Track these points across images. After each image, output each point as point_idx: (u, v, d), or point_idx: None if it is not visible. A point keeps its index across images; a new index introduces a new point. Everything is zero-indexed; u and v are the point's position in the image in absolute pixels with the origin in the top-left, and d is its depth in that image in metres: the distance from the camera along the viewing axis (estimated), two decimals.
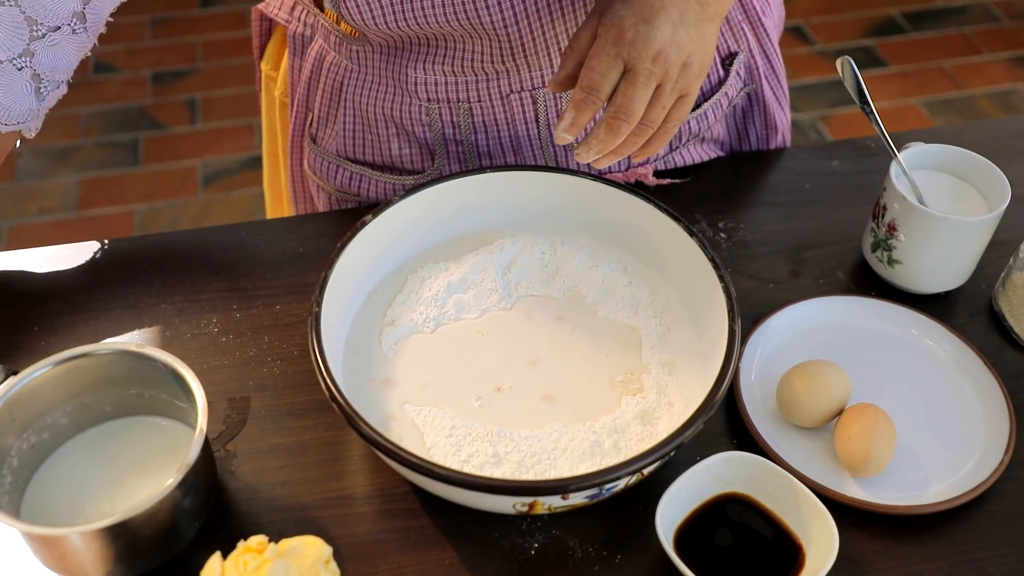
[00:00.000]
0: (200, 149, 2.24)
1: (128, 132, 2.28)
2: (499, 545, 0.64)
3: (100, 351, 0.63)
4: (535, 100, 0.81)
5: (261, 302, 0.79)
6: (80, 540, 0.57)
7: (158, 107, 2.34)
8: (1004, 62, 2.57)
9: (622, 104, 0.64)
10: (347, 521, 0.65)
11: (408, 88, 0.80)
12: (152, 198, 2.12)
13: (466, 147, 0.83)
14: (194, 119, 2.31)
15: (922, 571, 0.63)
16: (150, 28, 2.59)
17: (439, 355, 0.70)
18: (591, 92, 0.64)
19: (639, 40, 0.63)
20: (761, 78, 0.92)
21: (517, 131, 0.83)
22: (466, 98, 0.80)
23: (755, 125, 0.95)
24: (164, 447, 0.66)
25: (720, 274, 0.69)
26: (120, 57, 2.49)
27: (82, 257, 0.82)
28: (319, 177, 0.90)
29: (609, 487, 0.60)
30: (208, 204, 2.11)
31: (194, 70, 2.46)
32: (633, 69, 0.63)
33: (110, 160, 2.21)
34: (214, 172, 2.19)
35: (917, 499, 0.66)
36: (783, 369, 0.72)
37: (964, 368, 0.74)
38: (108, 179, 2.16)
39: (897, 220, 0.77)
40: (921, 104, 2.44)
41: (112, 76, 2.43)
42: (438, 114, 0.81)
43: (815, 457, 0.69)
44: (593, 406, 0.67)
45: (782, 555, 0.62)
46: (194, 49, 2.52)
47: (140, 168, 2.19)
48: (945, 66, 2.56)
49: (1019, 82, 2.51)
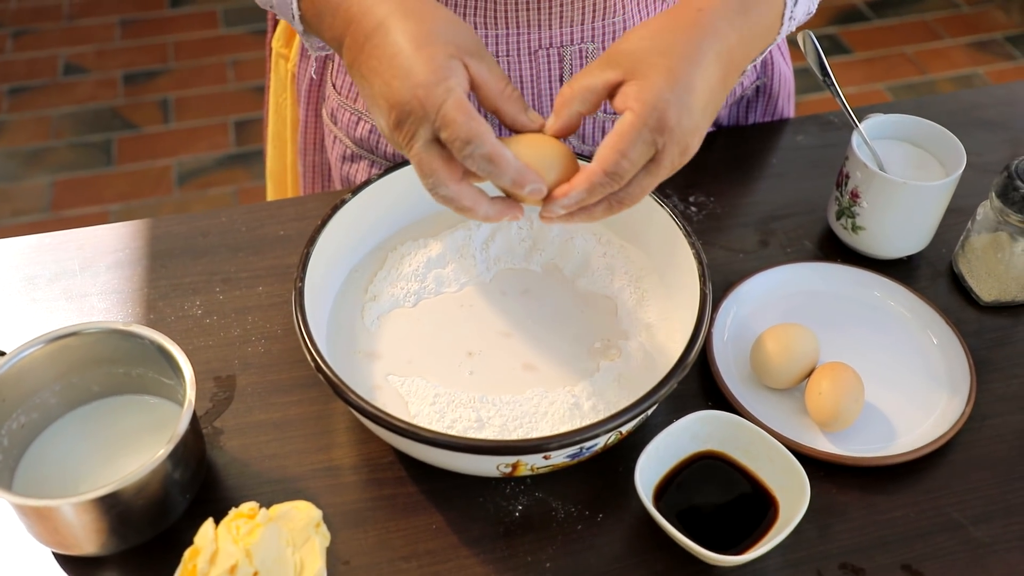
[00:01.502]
0: (174, 148, 2.24)
1: (100, 133, 2.27)
2: (484, 508, 0.66)
3: (88, 329, 0.64)
4: (562, 58, 0.79)
5: (244, 284, 0.80)
6: (73, 512, 0.58)
7: (130, 107, 2.34)
8: (964, 47, 2.63)
9: (633, 193, 0.58)
10: (335, 491, 0.67)
11: None
12: (127, 198, 2.11)
13: None
14: (167, 119, 2.31)
15: (890, 519, 0.66)
16: (120, 29, 2.58)
17: (421, 328, 0.72)
18: (614, 179, 0.56)
19: (678, 131, 0.56)
20: (773, 73, 0.94)
21: (540, 90, 0.81)
22: (495, 52, 0.77)
23: (756, 114, 0.97)
24: (152, 424, 0.67)
25: (691, 241, 0.71)
26: (90, 58, 2.48)
27: (63, 245, 0.83)
28: (339, 127, 0.88)
29: (589, 446, 0.62)
30: (184, 202, 2.11)
31: (165, 70, 2.45)
32: (659, 161, 0.57)
33: (83, 161, 2.20)
34: (189, 171, 2.19)
35: (884, 451, 0.68)
36: (755, 333, 0.75)
37: (927, 327, 0.76)
38: (82, 180, 2.16)
39: (859, 187, 0.79)
40: (886, 89, 2.48)
41: (83, 77, 2.42)
42: None
43: (786, 415, 0.71)
44: (572, 372, 0.69)
45: (757, 507, 0.64)
46: (165, 49, 2.52)
47: (114, 168, 2.19)
48: (908, 52, 2.61)
49: (979, 66, 2.56)
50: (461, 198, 0.57)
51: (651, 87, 0.56)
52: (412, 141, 0.56)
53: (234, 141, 2.26)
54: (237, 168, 2.19)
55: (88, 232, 0.84)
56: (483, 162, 0.55)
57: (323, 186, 1.01)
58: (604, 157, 0.56)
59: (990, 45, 2.63)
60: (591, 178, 0.56)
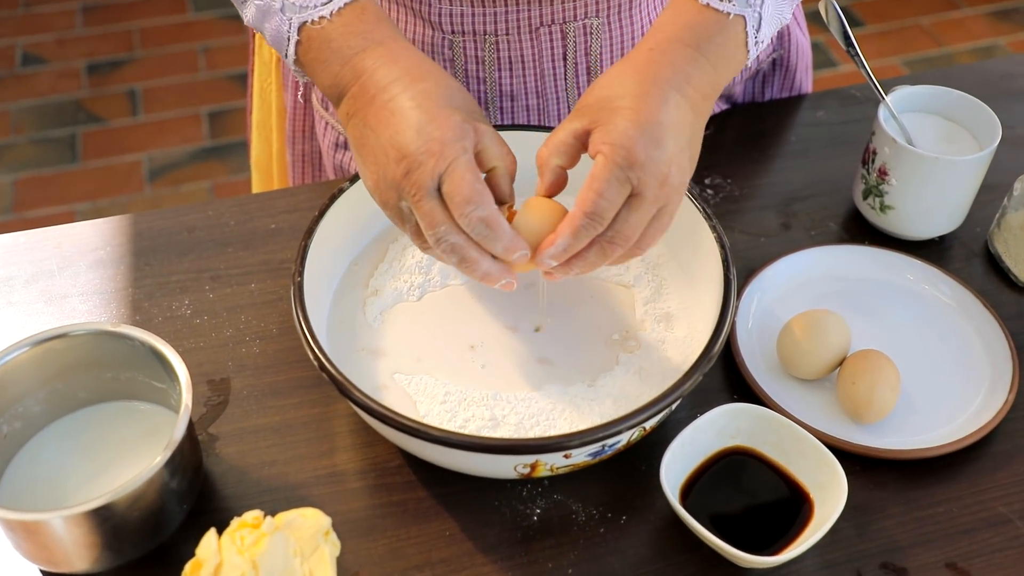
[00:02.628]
0: (144, 142, 2.23)
1: (64, 127, 2.27)
2: (500, 513, 0.66)
3: (76, 331, 0.64)
4: (564, 35, 0.81)
5: (235, 281, 0.80)
6: (64, 525, 0.58)
7: (95, 99, 2.33)
8: (984, 16, 2.64)
9: (622, 231, 0.61)
10: (341, 498, 0.67)
11: (431, 19, 0.80)
12: (95, 196, 2.11)
13: (489, 86, 0.84)
14: (135, 111, 2.31)
15: (932, 514, 0.66)
16: (81, 16, 2.57)
17: (427, 323, 0.72)
18: (595, 219, 0.60)
19: (650, 164, 0.59)
20: (790, 44, 0.95)
21: (543, 69, 0.83)
22: (493, 31, 0.80)
23: (772, 89, 0.98)
24: (144, 432, 0.68)
25: (712, 224, 0.71)
26: (50, 48, 2.47)
27: (40, 244, 0.83)
28: (331, 113, 0.90)
29: (612, 443, 0.62)
30: (156, 199, 2.10)
31: (132, 59, 2.45)
32: (640, 195, 0.60)
33: (46, 157, 2.19)
34: (161, 166, 2.18)
35: (923, 443, 0.69)
36: (781, 321, 0.75)
37: (964, 311, 0.77)
38: (45, 178, 2.15)
39: (888, 164, 0.80)
40: (901, 63, 2.50)
41: (42, 68, 2.42)
42: (462, 48, 0.81)
43: (816, 407, 0.72)
44: (590, 365, 0.70)
45: (790, 506, 0.65)
46: (130, 37, 2.51)
47: (80, 165, 2.18)
48: (924, 23, 2.62)
49: (1000, 36, 2.57)
50: (468, 248, 0.60)
51: (615, 128, 0.60)
52: (422, 191, 0.59)
53: (208, 133, 2.26)
54: (212, 162, 2.19)
55: (66, 229, 0.84)
56: (480, 225, 0.59)
57: (314, 176, 1.01)
58: (582, 200, 0.60)
59: (1012, 14, 2.65)
60: (573, 222, 0.60)
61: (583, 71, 0.84)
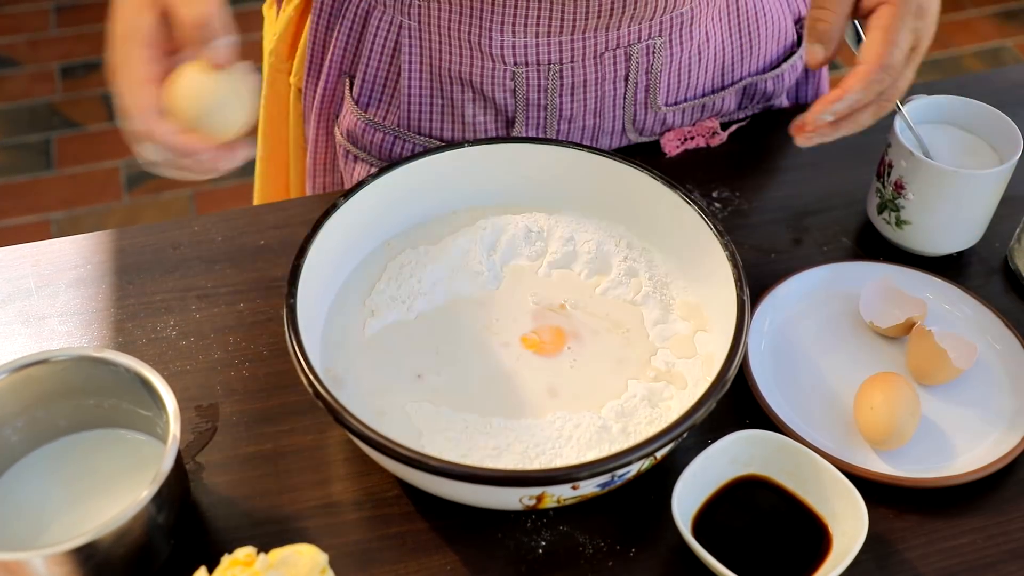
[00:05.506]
0: (122, 148, 2.22)
1: (38, 132, 2.25)
2: (504, 545, 0.66)
3: (57, 357, 0.63)
4: (628, 57, 0.82)
5: (223, 301, 0.79)
6: (44, 565, 0.57)
7: (70, 103, 2.32)
8: (991, 18, 2.65)
9: (899, 87, 0.63)
10: (337, 530, 0.66)
11: (492, 52, 0.80)
12: (70, 204, 2.09)
13: (549, 112, 0.84)
14: (112, 115, 2.29)
15: (956, 546, 0.66)
16: (55, 16, 2.55)
17: (426, 345, 0.71)
18: (890, 72, 0.62)
19: (932, 14, 0.63)
20: None
21: (604, 92, 0.84)
22: (558, 59, 0.80)
23: (807, 95, 0.99)
24: (128, 462, 0.67)
25: (724, 243, 0.71)
26: (22, 49, 2.46)
27: (16, 261, 0.82)
28: (363, 149, 0.88)
29: (622, 473, 0.61)
30: (135, 209, 2.09)
31: None
32: (918, 48, 0.63)
33: (19, 164, 2.18)
34: (139, 173, 2.16)
35: (945, 470, 0.68)
36: (793, 342, 0.75)
37: (984, 331, 0.77)
38: (18, 185, 2.13)
39: (904, 177, 0.79)
40: None
41: (14, 71, 2.40)
42: (524, 79, 0.81)
43: (832, 432, 0.71)
44: (597, 391, 0.69)
45: (807, 537, 0.64)
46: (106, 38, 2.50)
47: (54, 172, 2.16)
48: None
49: (1008, 38, 2.58)
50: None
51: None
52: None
53: None
54: None
55: (44, 246, 0.83)
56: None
57: None
58: (876, 52, 0.62)
59: (1020, 15, 2.66)
60: (868, 75, 0.62)
61: (642, 89, 0.85)
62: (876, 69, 0.62)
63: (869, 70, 0.62)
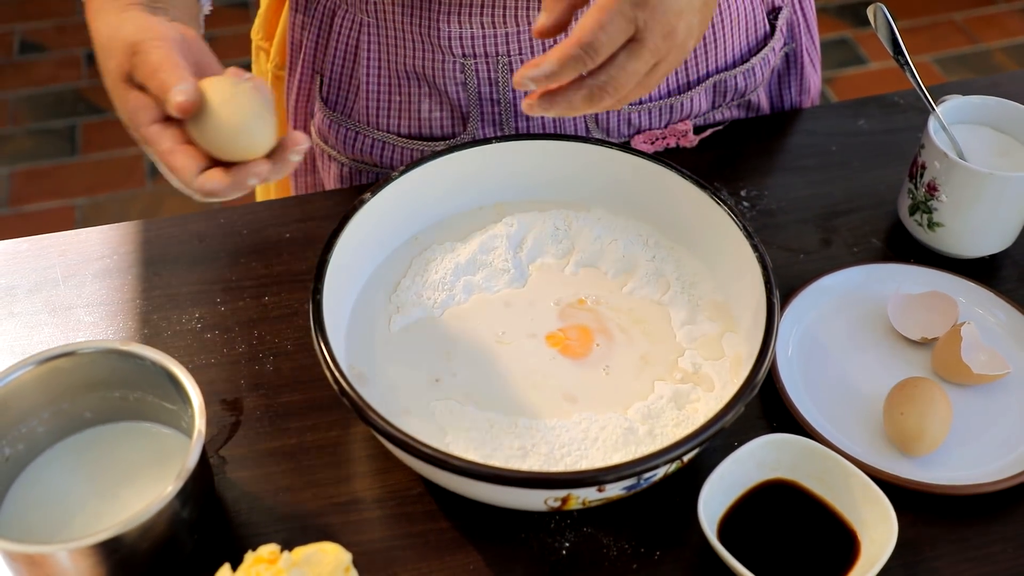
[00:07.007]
0: None
1: (63, 118, 2.26)
2: (527, 546, 0.65)
3: (84, 349, 0.63)
4: None
5: (247, 294, 0.79)
6: (69, 558, 0.57)
7: (96, 89, 2.32)
8: (1021, 12, 2.61)
9: (617, 78, 0.60)
10: (359, 527, 0.66)
11: (440, 44, 0.80)
12: (94, 190, 2.10)
13: (503, 107, 0.84)
14: None
15: (987, 554, 0.65)
16: (81, 1, 2.56)
17: (451, 342, 0.71)
18: (590, 53, 0.58)
19: (659, 10, 0.58)
20: (800, 35, 0.93)
21: None
22: (505, 51, 0.80)
23: (791, 90, 0.97)
24: (152, 455, 0.66)
25: (753, 243, 0.70)
26: (49, 35, 2.46)
27: (44, 251, 0.82)
28: (332, 147, 0.90)
29: (648, 476, 0.61)
30: (158, 195, 2.09)
31: None
32: (641, 41, 0.59)
33: (44, 149, 2.18)
34: None
35: (976, 477, 0.67)
36: (823, 345, 0.74)
37: (1017, 335, 0.75)
38: (43, 170, 2.14)
39: (938, 179, 0.78)
40: (932, 61, 2.47)
41: (41, 56, 2.41)
42: (474, 71, 0.81)
43: (861, 438, 0.70)
44: (623, 392, 0.68)
45: (835, 543, 0.63)
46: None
47: (79, 158, 2.17)
48: (957, 19, 2.60)
49: None
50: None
51: None
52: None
53: None
54: None
55: (70, 236, 0.83)
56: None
57: None
58: (580, 28, 0.58)
59: None
60: (564, 50, 0.58)
61: None
62: (573, 44, 0.58)
63: (566, 44, 0.58)
